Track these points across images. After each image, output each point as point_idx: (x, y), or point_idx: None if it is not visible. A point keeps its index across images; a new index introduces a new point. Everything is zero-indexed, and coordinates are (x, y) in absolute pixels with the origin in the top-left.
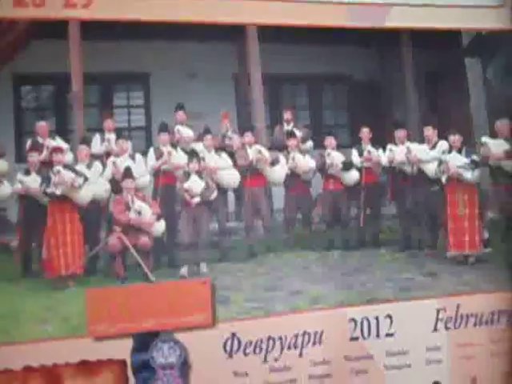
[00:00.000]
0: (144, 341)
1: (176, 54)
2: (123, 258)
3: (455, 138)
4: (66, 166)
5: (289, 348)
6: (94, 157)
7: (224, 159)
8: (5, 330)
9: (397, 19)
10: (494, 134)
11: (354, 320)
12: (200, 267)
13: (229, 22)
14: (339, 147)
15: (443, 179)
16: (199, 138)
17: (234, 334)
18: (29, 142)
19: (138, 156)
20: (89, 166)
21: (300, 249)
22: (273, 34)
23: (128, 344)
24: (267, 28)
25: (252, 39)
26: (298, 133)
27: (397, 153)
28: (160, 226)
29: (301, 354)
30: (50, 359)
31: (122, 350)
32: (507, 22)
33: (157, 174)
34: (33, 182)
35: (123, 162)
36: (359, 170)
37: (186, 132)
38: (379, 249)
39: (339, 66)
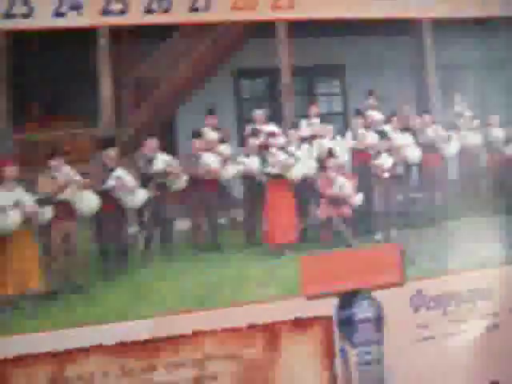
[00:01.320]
0: (347, 299)
1: (366, 47)
2: (329, 227)
3: None
4: (280, 148)
5: (464, 302)
6: (302, 139)
7: (407, 138)
8: (233, 290)
9: None
10: None
11: None
12: (390, 233)
13: (408, 17)
14: None
15: None
16: (387, 120)
17: (419, 291)
18: (248, 129)
19: (338, 138)
20: (298, 148)
21: (472, 215)
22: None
23: (333, 302)
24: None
25: (426, 32)
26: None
27: None
28: (358, 198)
29: (473, 308)
30: (269, 317)
31: (328, 307)
32: None
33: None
34: (253, 163)
35: (326, 143)
36: None
37: (376, 115)
38: None
39: None
